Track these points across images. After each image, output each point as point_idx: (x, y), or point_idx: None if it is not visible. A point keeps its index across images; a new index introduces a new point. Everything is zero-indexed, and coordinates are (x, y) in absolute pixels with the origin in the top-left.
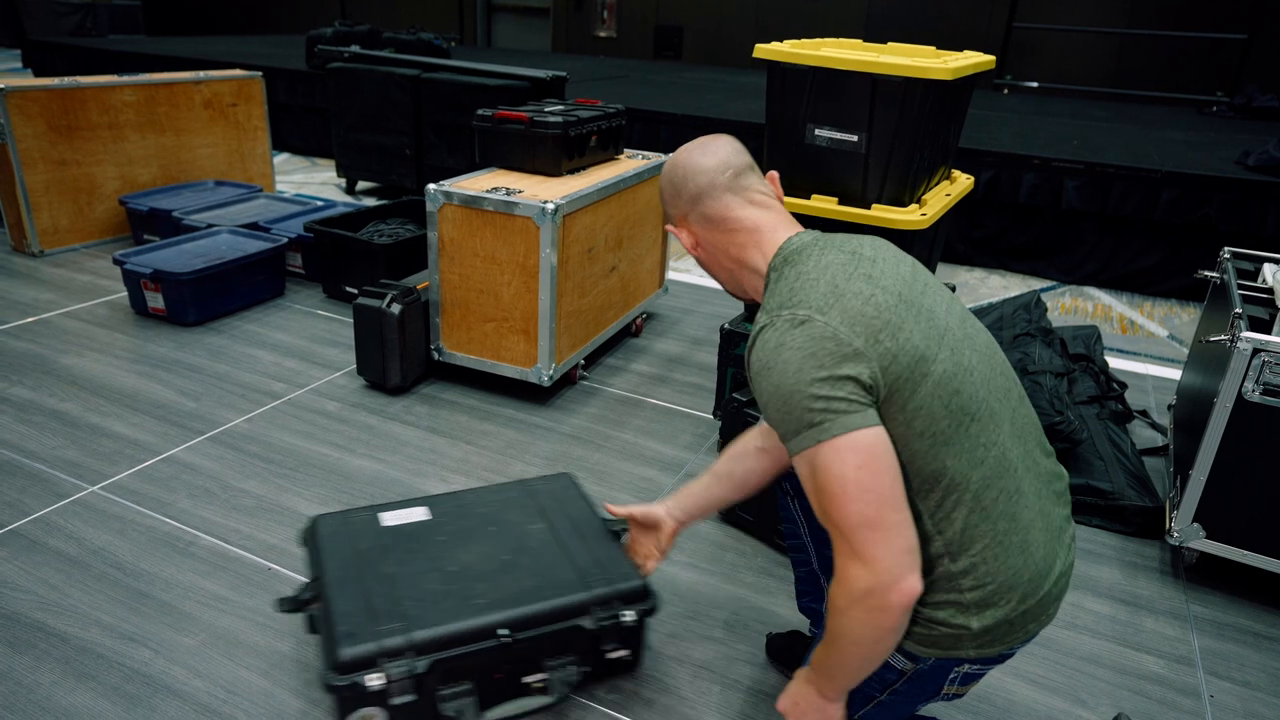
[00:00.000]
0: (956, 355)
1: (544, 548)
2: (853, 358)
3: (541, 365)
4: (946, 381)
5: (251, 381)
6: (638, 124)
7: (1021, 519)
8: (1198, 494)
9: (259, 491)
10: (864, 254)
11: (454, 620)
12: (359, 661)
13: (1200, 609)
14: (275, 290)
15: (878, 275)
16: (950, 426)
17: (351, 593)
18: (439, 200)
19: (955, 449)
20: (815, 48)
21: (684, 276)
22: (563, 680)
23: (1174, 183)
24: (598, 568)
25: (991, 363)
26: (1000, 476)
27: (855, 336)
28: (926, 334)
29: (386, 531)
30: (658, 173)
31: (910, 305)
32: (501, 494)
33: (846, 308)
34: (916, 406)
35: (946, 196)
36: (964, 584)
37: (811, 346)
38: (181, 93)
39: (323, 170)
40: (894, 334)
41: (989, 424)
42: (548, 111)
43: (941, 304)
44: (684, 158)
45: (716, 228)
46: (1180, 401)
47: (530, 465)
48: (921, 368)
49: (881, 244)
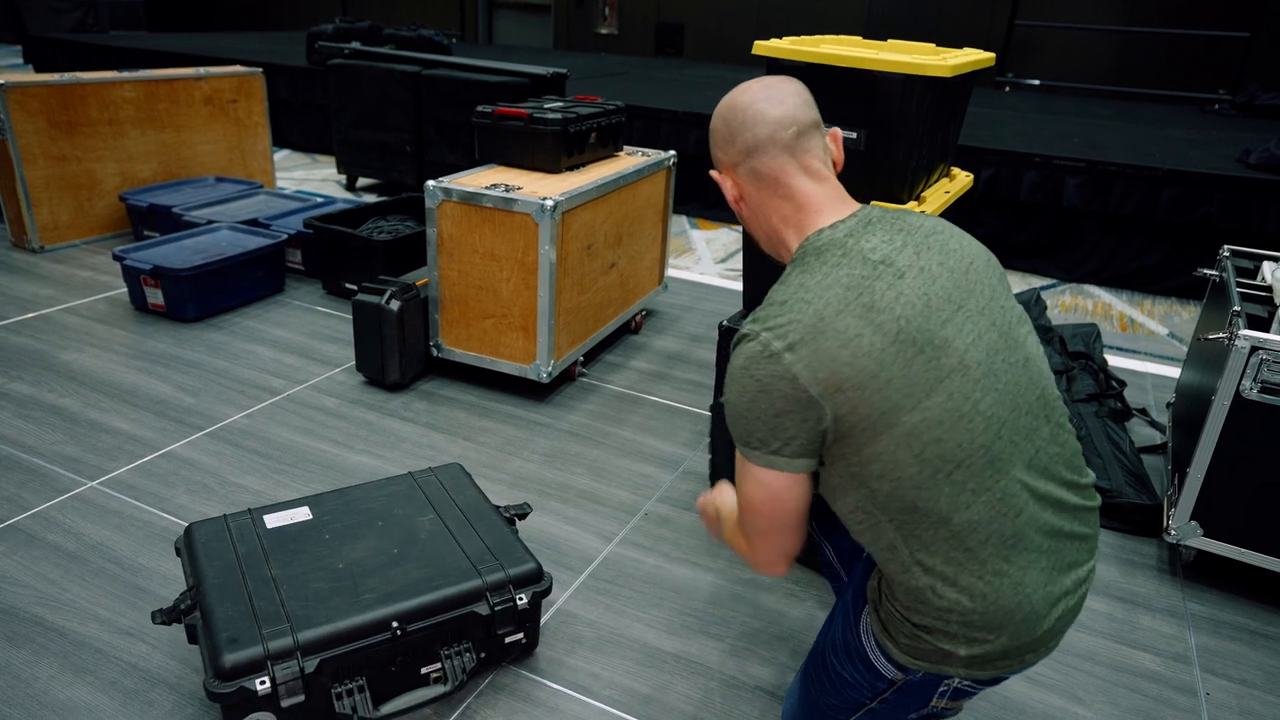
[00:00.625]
0: (955, 400)
1: (434, 538)
2: (804, 405)
3: (540, 362)
4: (922, 432)
5: (251, 377)
6: (638, 121)
7: (1017, 561)
8: (1195, 492)
9: (257, 487)
10: (894, 263)
11: (342, 617)
12: (244, 666)
13: (1197, 606)
14: (275, 286)
15: (885, 304)
16: (921, 473)
17: (232, 598)
18: (438, 197)
19: (929, 493)
20: (814, 45)
21: (683, 274)
22: (458, 668)
23: (1175, 181)
24: (490, 554)
25: (1016, 401)
26: (992, 521)
27: (814, 384)
28: (915, 379)
29: (268, 534)
30: (658, 169)
31: (908, 344)
32: (388, 488)
33: (820, 349)
34: (874, 454)
35: (946, 194)
36: (950, 617)
37: (769, 383)
38: (182, 89)
39: (323, 167)
40: (862, 384)
41: (984, 470)
42: (547, 108)
43: (969, 332)
44: (747, 99)
45: (766, 188)
46: (1179, 399)
47: (528, 461)
48: (890, 418)
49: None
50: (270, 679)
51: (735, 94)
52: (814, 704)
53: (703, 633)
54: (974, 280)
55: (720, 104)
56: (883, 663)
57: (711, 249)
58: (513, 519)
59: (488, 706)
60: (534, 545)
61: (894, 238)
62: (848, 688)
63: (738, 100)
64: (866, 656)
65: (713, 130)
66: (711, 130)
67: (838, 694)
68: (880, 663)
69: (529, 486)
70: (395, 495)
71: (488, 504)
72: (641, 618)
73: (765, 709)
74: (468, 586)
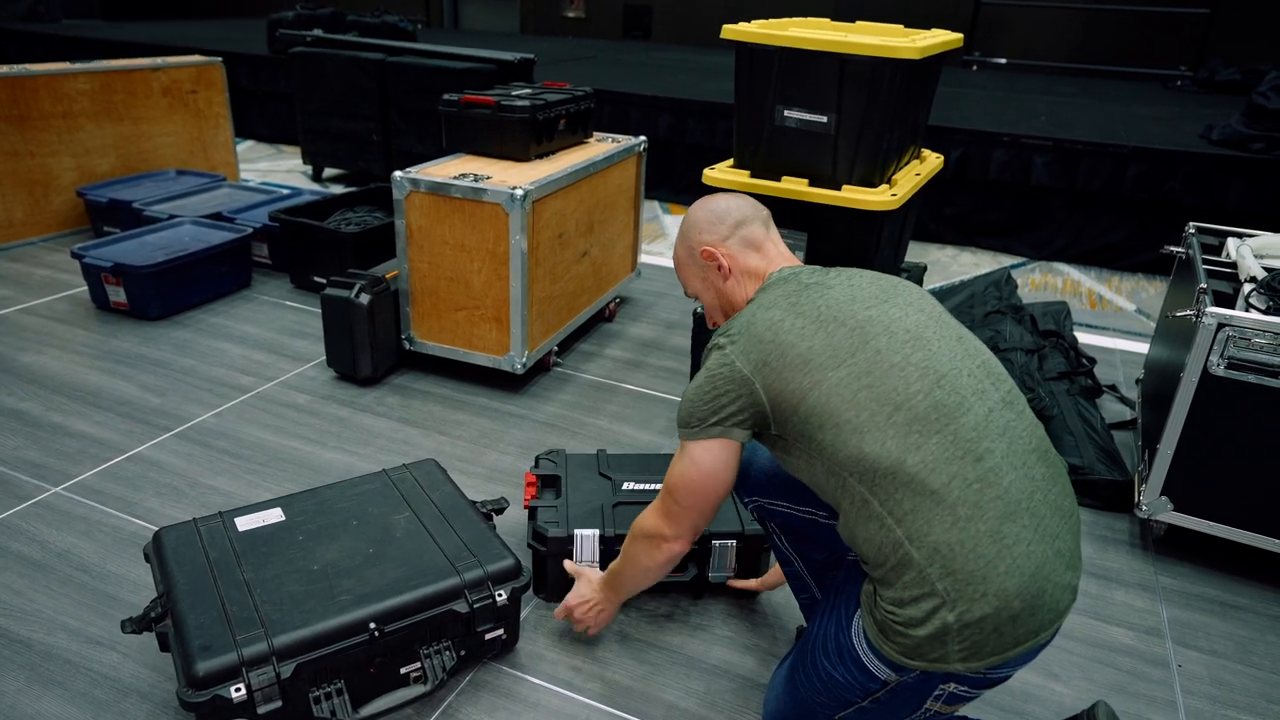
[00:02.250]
0: (882, 355)
1: (410, 536)
2: (739, 383)
3: (514, 353)
4: (850, 381)
5: (218, 375)
6: (607, 106)
7: (989, 509)
8: (1165, 467)
9: (228, 488)
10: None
11: (318, 620)
12: (217, 674)
13: (1169, 580)
14: (241, 281)
15: (809, 303)
16: (859, 416)
17: (204, 604)
18: (406, 188)
19: (874, 436)
20: (782, 28)
21: (656, 260)
22: (437, 666)
23: (1140, 158)
24: (467, 551)
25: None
26: (951, 462)
27: (746, 365)
28: (838, 344)
29: (240, 537)
30: (628, 155)
31: (829, 322)
32: (362, 486)
33: (751, 337)
34: (810, 408)
35: (916, 176)
36: (932, 573)
37: (714, 370)
38: (139, 80)
39: (288, 157)
40: (783, 356)
41: (930, 414)
42: (515, 95)
43: (895, 313)
44: (722, 199)
45: (752, 251)
46: (1148, 375)
47: (504, 454)
48: (812, 377)
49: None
50: (245, 685)
51: (705, 200)
52: (802, 700)
53: (684, 623)
54: (902, 289)
55: (690, 212)
56: (876, 664)
57: None
58: (490, 514)
59: (469, 704)
60: (512, 540)
61: (830, 273)
62: (838, 687)
63: (713, 200)
64: (859, 658)
65: (694, 224)
66: (691, 225)
67: (827, 692)
68: (873, 664)
69: (506, 480)
70: (369, 494)
71: (464, 500)
72: (622, 609)
73: (748, 697)
74: (446, 585)
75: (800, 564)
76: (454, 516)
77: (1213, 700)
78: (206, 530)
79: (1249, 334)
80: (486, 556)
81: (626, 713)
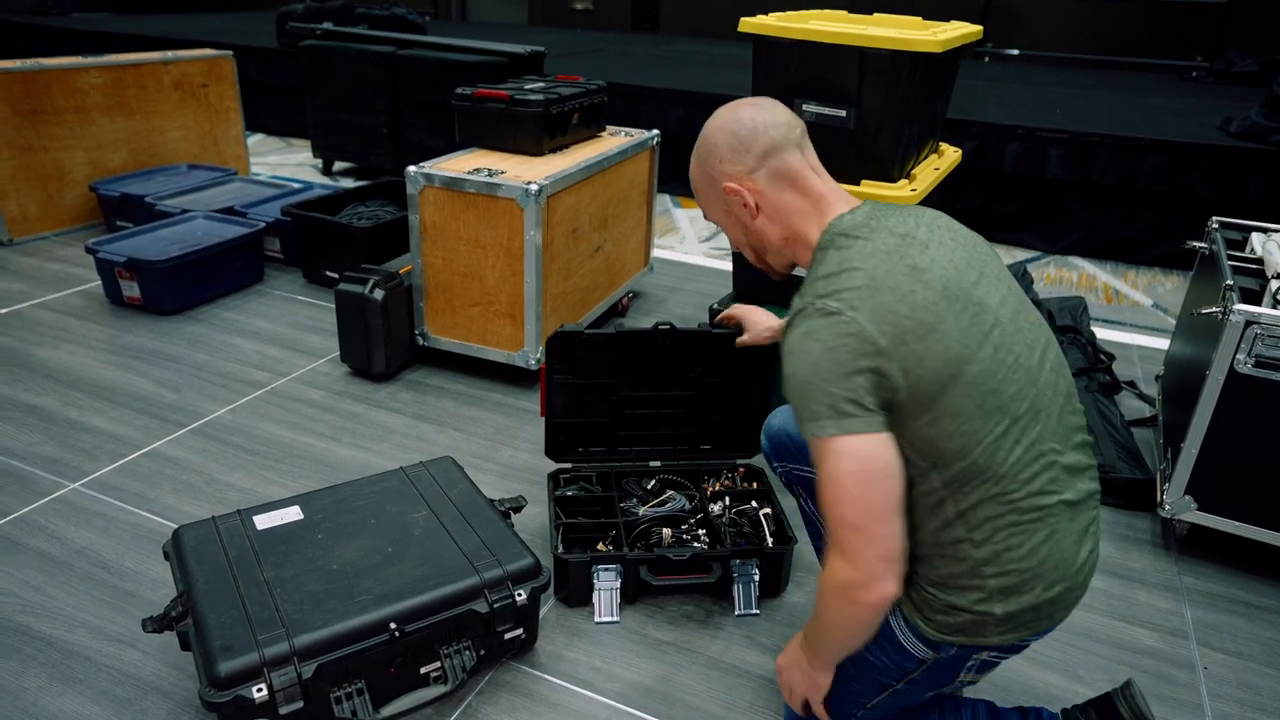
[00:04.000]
0: (1000, 352)
1: (429, 535)
2: (873, 356)
3: (528, 349)
4: (983, 380)
5: (233, 371)
6: (617, 99)
7: (1051, 510)
8: (1189, 466)
9: (244, 484)
10: (916, 237)
11: (338, 620)
12: (239, 674)
13: (1192, 580)
14: (254, 276)
15: (925, 265)
16: (984, 426)
17: (225, 603)
18: (419, 183)
19: (985, 446)
20: (801, 20)
21: (668, 254)
22: (457, 666)
23: (1157, 150)
24: (486, 549)
25: (1043, 357)
26: (1025, 468)
27: (881, 335)
28: (967, 331)
29: (259, 536)
30: (642, 149)
31: (954, 299)
32: (380, 484)
33: (879, 304)
34: (944, 407)
35: (935, 170)
36: (987, 571)
37: (834, 341)
38: (150, 74)
39: (299, 151)
40: (924, 335)
41: (1028, 421)
42: (528, 89)
43: (995, 294)
44: (747, 112)
45: (786, 186)
46: (1169, 372)
47: (519, 450)
48: (953, 369)
49: (941, 223)
50: (267, 686)
51: (726, 113)
52: (833, 689)
53: (704, 623)
54: (983, 254)
55: (710, 128)
56: (914, 643)
57: (695, 228)
58: (508, 512)
59: (489, 704)
60: (529, 537)
61: (906, 219)
62: (873, 670)
63: (736, 114)
64: (896, 638)
65: (713, 148)
66: (710, 150)
67: (861, 678)
68: (911, 643)
69: (521, 477)
70: (387, 492)
71: (482, 498)
72: (641, 608)
73: (769, 697)
74: (465, 584)
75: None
76: (472, 515)
77: (1240, 704)
78: (225, 529)
79: (1278, 331)
80: (506, 555)
81: (646, 713)
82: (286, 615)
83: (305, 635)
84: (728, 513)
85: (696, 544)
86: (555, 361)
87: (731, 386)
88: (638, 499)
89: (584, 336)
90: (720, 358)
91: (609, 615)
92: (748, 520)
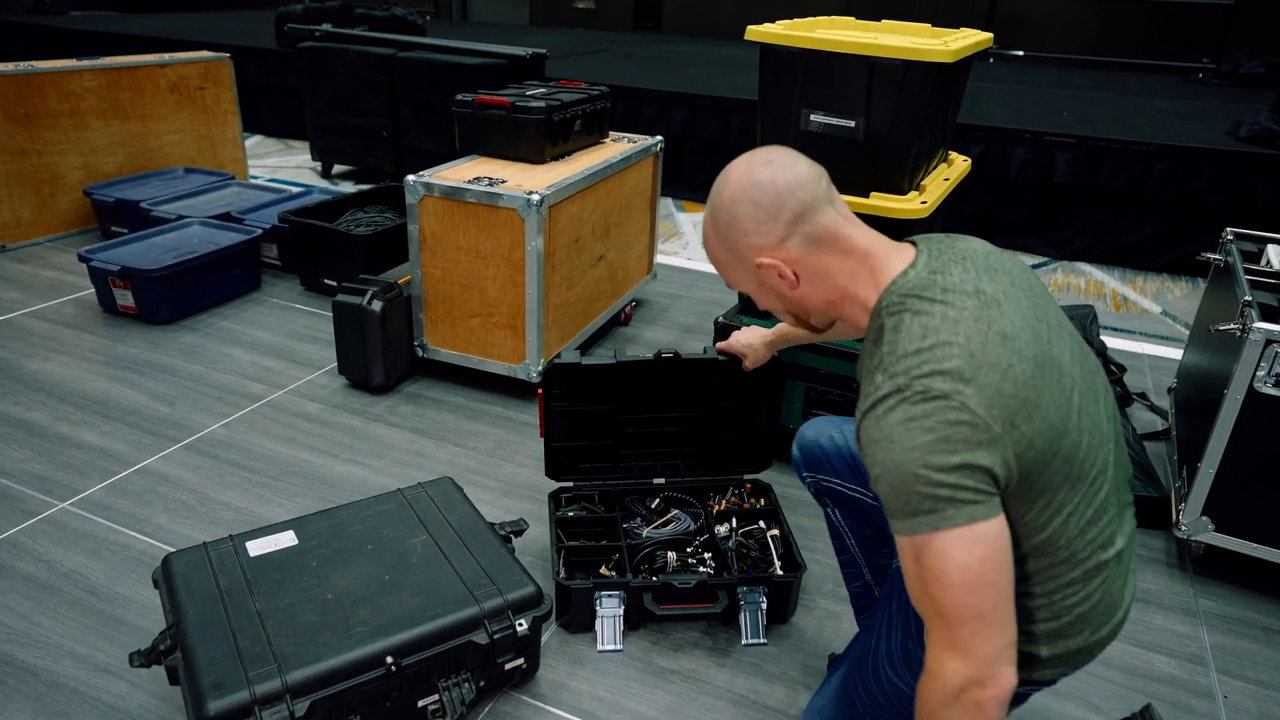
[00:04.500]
0: (1082, 417)
1: (427, 562)
2: (988, 444)
3: (530, 361)
4: (1073, 453)
5: (228, 383)
6: (620, 102)
7: (1108, 563)
8: (1207, 487)
9: (239, 503)
10: (988, 293)
11: (333, 655)
12: (229, 713)
13: (1210, 603)
14: (251, 284)
15: (1011, 331)
16: (1066, 497)
17: (216, 636)
18: (419, 192)
19: (1064, 518)
20: (809, 29)
21: (671, 259)
22: (456, 699)
23: (1165, 155)
24: (486, 577)
25: (1105, 406)
26: (1098, 530)
27: (994, 420)
28: (1060, 402)
29: (251, 563)
30: (645, 156)
31: (1045, 368)
32: (377, 507)
33: (984, 384)
34: (1044, 485)
35: (945, 181)
36: (1038, 616)
37: (945, 429)
38: (145, 76)
39: (298, 153)
40: (1030, 414)
41: (1101, 483)
42: (530, 95)
43: (1064, 345)
44: (766, 173)
45: (826, 250)
46: (1182, 385)
47: (521, 466)
48: (1053, 447)
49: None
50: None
51: (741, 176)
52: (859, 716)
53: (710, 650)
54: (1040, 295)
55: (725, 197)
56: None
57: (699, 232)
58: (509, 536)
59: None
60: (531, 560)
61: (966, 269)
62: (904, 699)
63: (754, 178)
64: None
65: (734, 221)
66: (731, 223)
67: (891, 705)
68: None
69: (522, 494)
70: (385, 515)
71: (482, 522)
72: (647, 636)
73: None
74: (465, 614)
75: (853, 540)
76: (472, 540)
77: None
78: (217, 555)
79: None
80: (506, 584)
81: None
82: (279, 649)
83: (298, 671)
84: (734, 535)
85: (703, 568)
86: (553, 389)
87: (739, 405)
88: (641, 518)
89: (582, 368)
90: (726, 380)
91: (612, 643)
92: (755, 543)
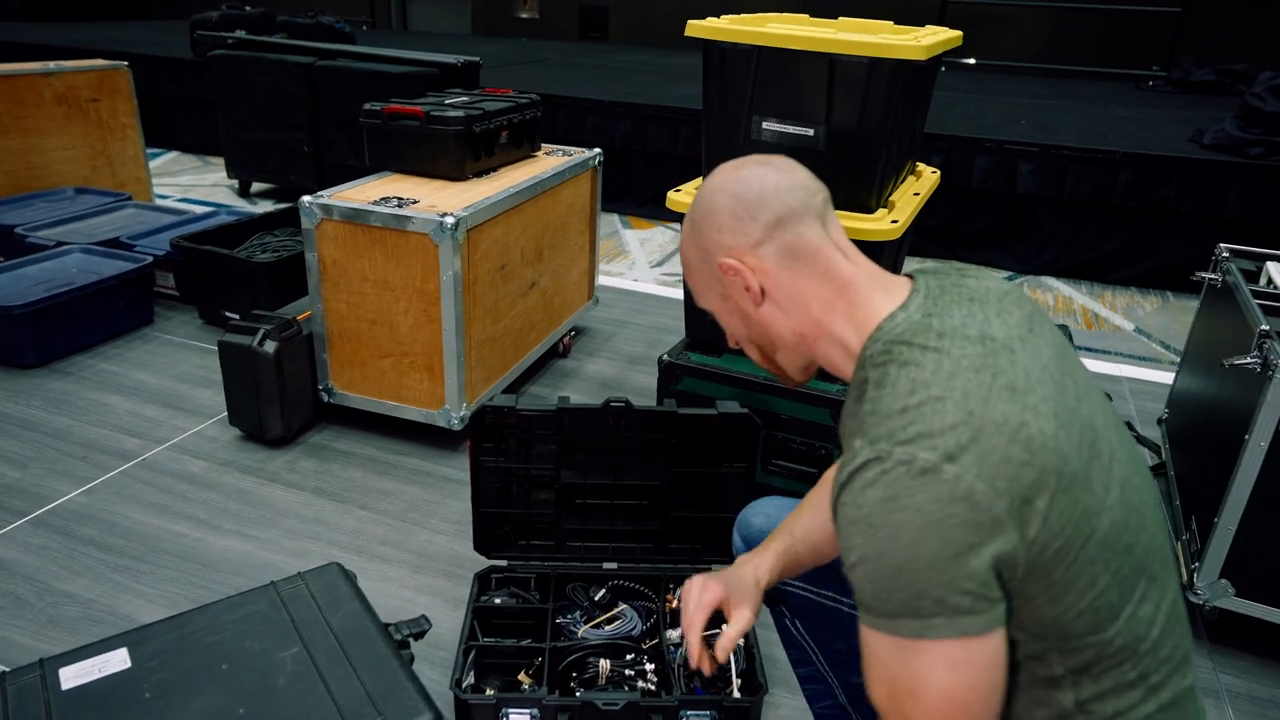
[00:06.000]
0: (1126, 492)
1: (295, 683)
2: (989, 530)
3: (450, 406)
4: (1116, 535)
5: (98, 438)
6: (561, 113)
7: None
8: (1226, 545)
9: (88, 594)
10: (996, 337)
11: None
12: None
13: (1232, 680)
14: (142, 318)
15: (1025, 385)
16: (1120, 594)
17: None
18: (316, 215)
19: (1126, 621)
20: (759, 24)
21: (616, 281)
22: None
23: (1131, 164)
24: (369, 701)
25: (1147, 476)
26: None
27: (997, 498)
28: (1090, 471)
29: (63, 701)
30: (582, 170)
31: (1068, 426)
32: (242, 609)
33: (986, 451)
34: (1072, 576)
35: (915, 196)
36: None
37: (936, 513)
38: (26, 87)
39: (215, 170)
40: (1049, 489)
41: (1164, 578)
42: (448, 104)
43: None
44: (756, 170)
45: (803, 266)
46: (1176, 417)
47: (437, 533)
48: (1084, 527)
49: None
50: None
51: (729, 170)
52: None
53: None
54: (1057, 339)
55: (708, 188)
56: None
57: (646, 250)
58: (406, 641)
59: None
60: (441, 658)
61: (971, 310)
62: None
63: (740, 173)
64: None
65: (710, 213)
66: (707, 214)
67: None
68: None
69: (437, 569)
70: (251, 620)
71: (372, 623)
72: None
73: None
74: None
75: (819, 656)
76: (356, 650)
77: None
78: (16, 692)
79: None
80: (394, 709)
81: None
82: None
83: None
84: None
85: (642, 682)
86: (484, 440)
87: (705, 476)
88: (582, 611)
89: (518, 414)
90: (692, 438)
91: None
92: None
